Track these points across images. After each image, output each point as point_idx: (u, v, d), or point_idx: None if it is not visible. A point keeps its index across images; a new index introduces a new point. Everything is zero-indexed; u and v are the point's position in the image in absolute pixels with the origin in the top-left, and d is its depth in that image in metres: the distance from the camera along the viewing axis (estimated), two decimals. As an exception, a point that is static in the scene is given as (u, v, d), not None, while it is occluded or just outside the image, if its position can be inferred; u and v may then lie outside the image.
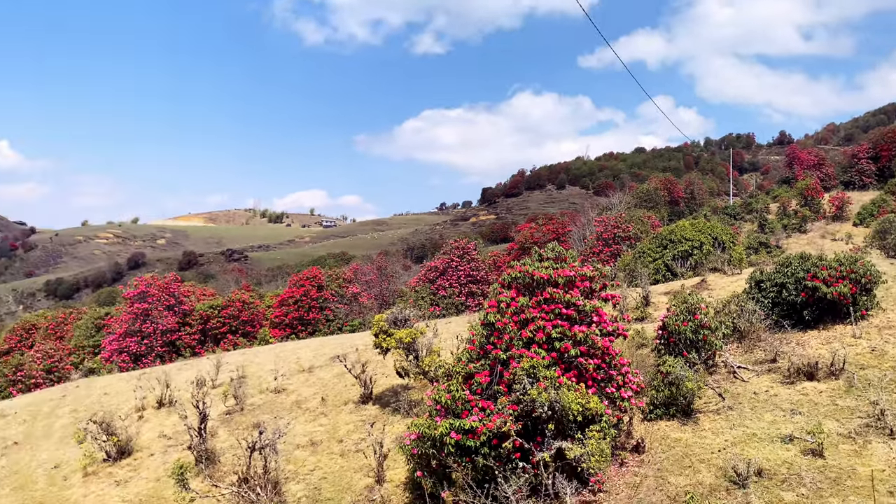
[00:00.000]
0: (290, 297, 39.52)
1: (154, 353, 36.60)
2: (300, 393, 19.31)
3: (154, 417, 19.81)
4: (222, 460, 15.68)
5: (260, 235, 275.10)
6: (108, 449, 17.21)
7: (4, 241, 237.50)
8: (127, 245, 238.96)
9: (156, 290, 38.27)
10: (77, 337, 44.01)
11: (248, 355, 25.95)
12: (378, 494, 13.06)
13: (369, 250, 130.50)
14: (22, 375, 34.90)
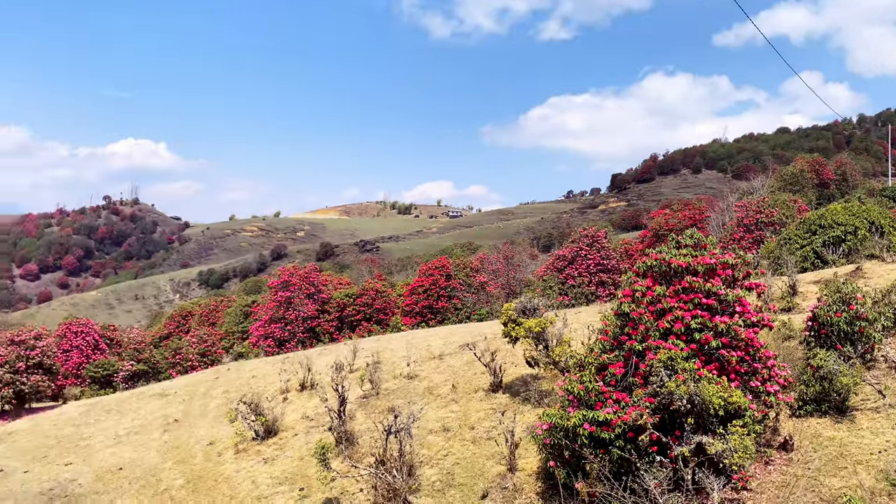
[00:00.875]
0: (419, 286, 40.43)
1: (296, 339, 38.68)
2: (431, 379, 19.72)
3: (297, 399, 20.94)
4: (360, 442, 16.33)
5: (390, 227, 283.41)
6: (257, 428, 18.39)
7: (162, 235, 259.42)
8: (270, 237, 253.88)
9: (297, 280, 40.39)
10: (227, 323, 47.34)
11: (381, 342, 26.84)
12: (510, 482, 13.11)
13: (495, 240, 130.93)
14: (180, 358, 38.02)
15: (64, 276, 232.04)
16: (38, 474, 20.12)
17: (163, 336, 49.41)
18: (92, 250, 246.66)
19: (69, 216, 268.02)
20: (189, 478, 17.63)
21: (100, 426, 24.42)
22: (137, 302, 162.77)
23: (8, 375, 29.96)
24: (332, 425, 16.45)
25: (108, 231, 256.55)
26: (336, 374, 19.96)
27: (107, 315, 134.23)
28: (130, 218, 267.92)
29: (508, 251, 45.33)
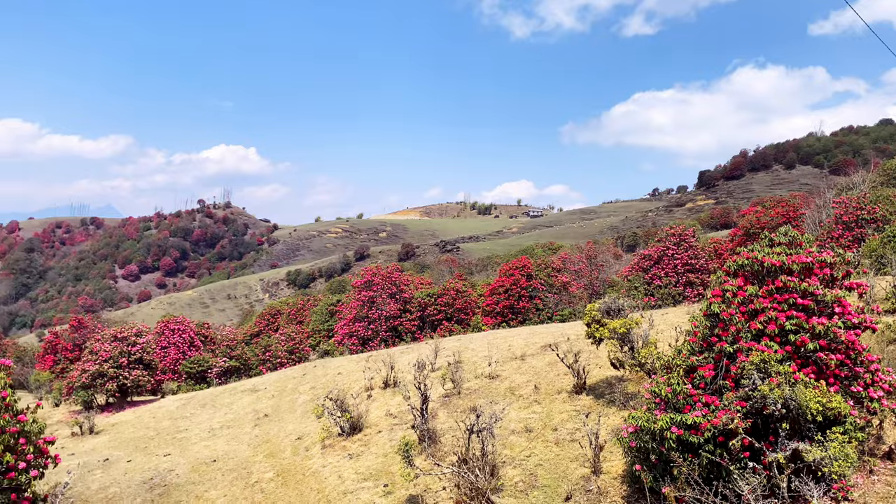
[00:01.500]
0: (500, 286, 40.36)
1: (379, 337, 39.35)
2: (513, 380, 19.63)
3: (381, 397, 21.29)
4: (442, 440, 16.44)
5: (470, 227, 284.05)
6: (342, 424, 18.82)
7: (253, 237, 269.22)
8: (353, 238, 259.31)
9: (379, 280, 41.09)
10: (314, 321, 48.66)
11: (462, 341, 26.94)
12: (595, 485, 12.90)
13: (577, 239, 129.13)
14: (269, 355, 39.34)
15: (162, 276, 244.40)
16: (140, 464, 21.25)
17: (253, 334, 51.29)
18: (187, 252, 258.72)
19: (166, 219, 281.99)
20: (278, 471, 18.21)
21: (195, 419, 25.58)
22: (230, 301, 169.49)
23: (112, 370, 31.84)
24: (414, 423, 16.64)
25: (202, 233, 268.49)
26: (418, 372, 20.18)
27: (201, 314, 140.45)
28: (223, 221, 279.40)
29: (591, 251, 44.59)
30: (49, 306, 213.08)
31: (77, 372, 32.77)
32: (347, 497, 15.41)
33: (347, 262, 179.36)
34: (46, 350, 48.14)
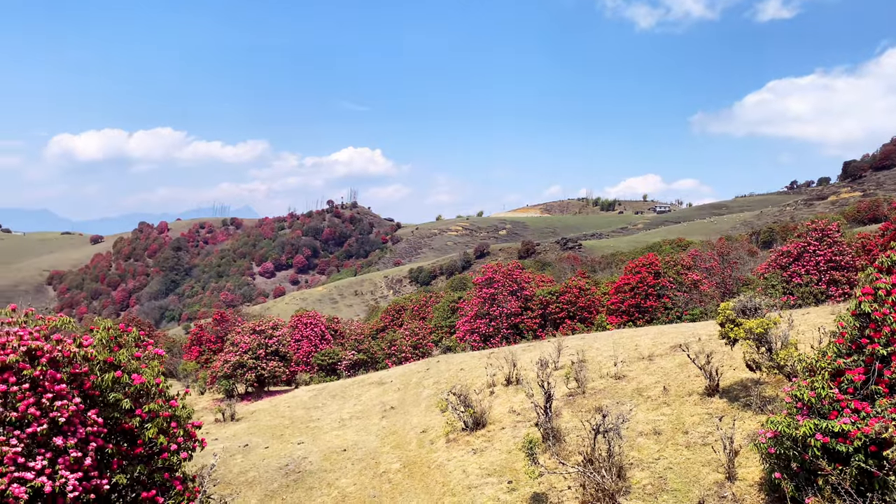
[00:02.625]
0: (625, 284, 39.30)
1: (500, 335, 39.44)
2: (640, 380, 19.08)
3: (503, 394, 21.34)
4: (567, 440, 16.25)
5: (592, 223, 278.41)
6: (466, 419, 19.02)
7: (377, 236, 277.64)
8: (473, 236, 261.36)
9: (500, 277, 41.16)
10: (436, 318, 49.49)
11: (586, 340, 26.48)
12: (729, 492, 12.30)
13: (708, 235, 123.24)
14: (395, 350, 40.41)
15: (295, 273, 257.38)
16: (276, 450, 22.49)
17: (379, 328, 52.91)
18: (318, 250, 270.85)
19: (299, 219, 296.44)
20: (404, 462, 18.69)
21: (326, 410, 26.73)
22: (357, 297, 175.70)
23: (251, 361, 33.87)
24: (538, 421, 16.55)
25: (331, 232, 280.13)
26: (541, 370, 20.04)
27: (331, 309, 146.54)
28: (350, 220, 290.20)
29: (724, 247, 42.51)
30: (194, 301, 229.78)
31: (220, 362, 35.17)
32: (472, 492, 15.56)
33: (467, 259, 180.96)
34: (192, 342, 51.98)
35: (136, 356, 14.22)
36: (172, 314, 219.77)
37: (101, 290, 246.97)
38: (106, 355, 13.45)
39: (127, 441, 13.43)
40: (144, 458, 13.44)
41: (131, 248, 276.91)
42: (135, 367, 13.85)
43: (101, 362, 13.24)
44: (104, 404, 13.01)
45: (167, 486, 13.59)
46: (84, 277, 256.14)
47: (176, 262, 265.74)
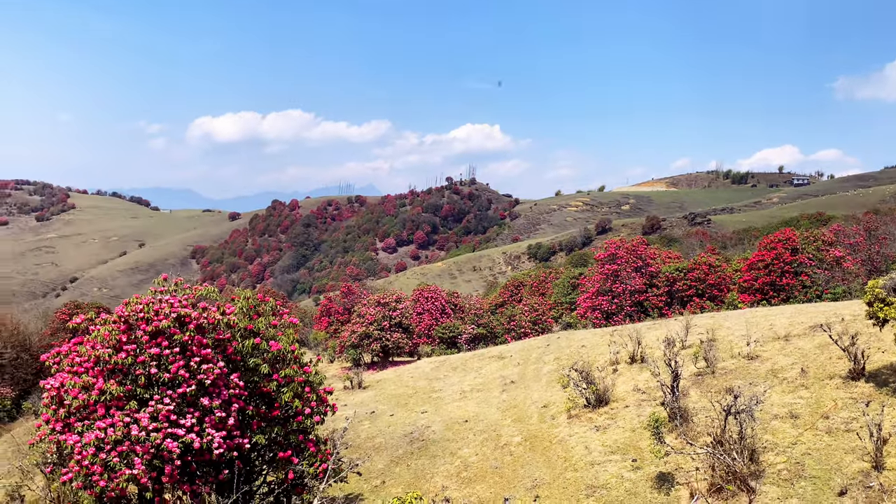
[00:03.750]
0: (759, 260, 37.18)
1: (623, 312, 38.54)
2: (775, 361, 18.06)
3: (627, 372, 20.89)
4: (694, 420, 15.70)
5: (722, 197, 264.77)
6: (588, 396, 18.81)
7: (495, 212, 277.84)
8: (594, 212, 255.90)
9: (624, 253, 40.12)
10: (556, 294, 49.08)
11: (716, 319, 25.36)
12: (876, 482, 11.46)
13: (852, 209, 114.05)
14: (514, 325, 40.50)
15: (415, 249, 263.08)
16: (401, 418, 23.24)
17: (498, 304, 53.15)
18: (437, 226, 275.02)
19: (419, 196, 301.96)
20: (525, 436, 18.78)
21: (447, 381, 27.28)
22: (475, 273, 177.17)
23: (377, 332, 35.07)
24: (664, 400, 16.09)
25: (450, 209, 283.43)
26: (668, 349, 19.42)
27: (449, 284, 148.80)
28: (468, 196, 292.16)
29: (871, 222, 39.23)
30: (322, 275, 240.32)
31: (347, 333, 36.67)
32: (595, 468, 15.42)
33: (588, 235, 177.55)
34: (322, 313, 54.49)
35: (273, 324, 15.11)
36: (303, 287, 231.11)
37: (239, 263, 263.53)
38: (246, 323, 14.37)
39: (265, 404, 14.35)
40: (281, 421, 14.32)
41: (265, 224, 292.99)
42: (272, 335, 14.72)
43: (241, 329, 14.17)
44: (245, 369, 13.94)
45: (301, 447, 14.43)
46: (223, 252, 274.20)
47: (306, 238, 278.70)
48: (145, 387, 12.53)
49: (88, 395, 12.21)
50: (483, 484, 16.79)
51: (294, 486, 14.00)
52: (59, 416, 12.45)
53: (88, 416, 12.21)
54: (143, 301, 13.18)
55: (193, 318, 13.12)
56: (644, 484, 14.19)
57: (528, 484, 16.00)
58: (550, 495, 15.14)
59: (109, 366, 12.50)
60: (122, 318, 13.00)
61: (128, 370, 12.58)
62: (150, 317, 12.92)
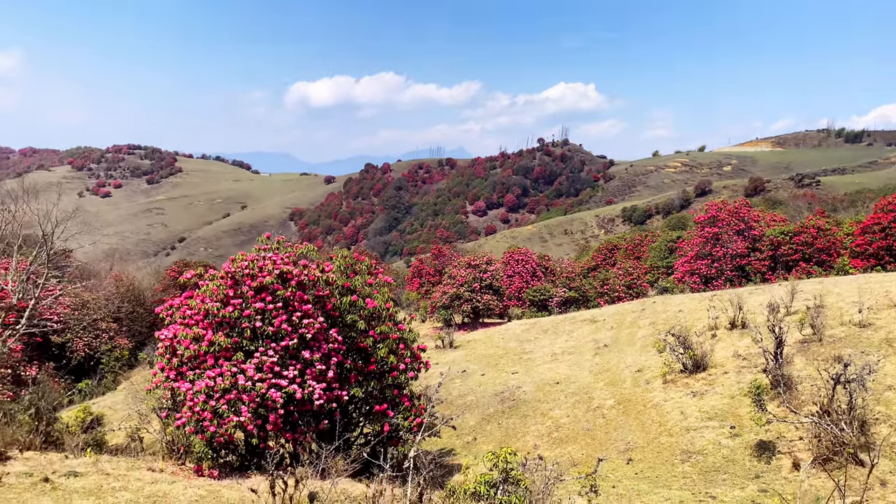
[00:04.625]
0: (875, 223, 34.80)
1: (723, 277, 37.18)
2: (890, 330, 16.99)
3: (726, 337, 20.21)
4: (799, 389, 15.06)
5: (834, 157, 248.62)
6: (685, 361, 18.34)
7: (588, 174, 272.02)
8: (693, 173, 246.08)
9: (725, 215, 38.53)
10: (652, 258, 47.82)
11: (824, 284, 24.06)
12: None
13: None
14: (607, 289, 39.84)
15: (505, 212, 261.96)
16: (492, 378, 23.46)
17: (591, 267, 52.36)
18: (528, 189, 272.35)
19: (509, 158, 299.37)
20: (618, 400, 18.57)
21: (538, 343, 27.25)
22: (566, 236, 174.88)
23: (467, 293, 35.35)
24: (766, 367, 15.48)
25: (541, 171, 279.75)
26: (771, 314, 18.64)
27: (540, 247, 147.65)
28: (560, 158, 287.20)
29: None
30: (413, 237, 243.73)
31: (438, 294, 37.16)
32: (690, 434, 15.11)
33: (686, 197, 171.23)
34: (413, 274, 55.35)
35: (369, 283, 15.48)
36: (394, 249, 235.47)
37: (334, 225, 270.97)
38: (344, 281, 14.79)
39: (362, 359, 14.80)
40: (377, 375, 14.75)
41: (358, 187, 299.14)
42: (368, 293, 15.10)
43: (339, 287, 14.61)
44: (342, 324, 14.39)
45: (396, 401, 14.83)
46: (319, 214, 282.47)
47: (397, 201, 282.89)
48: (251, 339, 13.16)
49: (199, 345, 12.95)
50: (574, 445, 16.79)
51: (389, 437, 14.44)
52: (173, 364, 13.29)
53: (199, 366, 12.97)
54: (249, 258, 13.78)
55: (295, 274, 13.61)
56: (743, 451, 13.80)
57: (620, 447, 15.87)
58: (644, 458, 14.97)
59: (217, 319, 13.18)
60: (228, 274, 13.65)
61: (234, 323, 13.24)
62: (254, 273, 13.50)
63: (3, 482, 9.86)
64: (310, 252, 15.33)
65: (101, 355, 35.01)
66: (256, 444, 12.77)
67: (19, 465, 11.43)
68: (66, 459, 12.35)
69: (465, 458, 16.79)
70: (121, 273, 46.96)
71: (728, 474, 13.26)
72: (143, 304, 42.19)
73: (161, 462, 12.74)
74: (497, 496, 7.67)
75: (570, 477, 11.34)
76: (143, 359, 35.39)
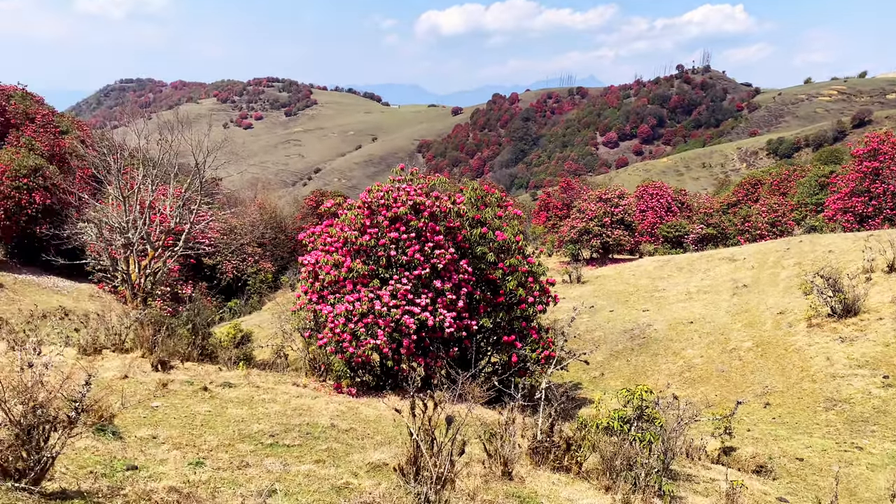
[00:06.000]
0: None
1: (882, 216, 34.12)
2: None
3: (883, 281, 18.66)
4: (968, 340, 13.74)
5: None
6: (834, 305, 17.17)
7: (731, 103, 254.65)
8: (851, 102, 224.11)
9: (888, 148, 35.03)
10: (799, 194, 44.60)
11: None
12: None
13: None
14: (748, 226, 37.72)
15: (638, 143, 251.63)
16: (620, 315, 23.10)
17: (730, 203, 49.63)
18: (664, 119, 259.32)
19: (645, 87, 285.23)
20: (757, 342, 17.77)
21: (671, 281, 26.40)
22: (704, 170, 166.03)
23: (597, 228, 34.65)
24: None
25: (679, 100, 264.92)
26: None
27: (675, 181, 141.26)
28: (701, 86, 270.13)
29: None
30: (540, 170, 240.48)
31: (566, 228, 36.66)
32: (836, 381, 14.25)
33: (841, 129, 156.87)
34: (540, 207, 54.81)
35: (499, 216, 15.50)
36: (520, 181, 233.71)
37: (460, 157, 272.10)
38: (474, 213, 14.89)
39: (490, 290, 14.99)
40: (505, 307, 14.91)
41: (485, 118, 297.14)
42: (497, 225, 15.14)
43: (470, 219, 14.73)
44: (472, 256, 14.57)
45: (524, 333, 14.97)
46: (446, 146, 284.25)
47: (525, 132, 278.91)
48: (385, 267, 13.63)
49: (338, 271, 13.58)
50: (707, 386, 16.33)
51: (516, 368, 14.66)
52: (315, 288, 14.04)
53: (339, 291, 13.62)
54: (384, 189, 14.13)
55: (427, 206, 13.83)
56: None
57: (757, 390, 15.27)
58: (783, 403, 14.35)
59: (355, 247, 13.72)
60: (365, 204, 14.10)
61: (371, 251, 13.74)
62: (389, 203, 13.85)
63: (169, 388, 10.95)
64: (441, 184, 15.50)
65: (247, 277, 37.69)
66: (391, 367, 13.38)
67: (181, 373, 12.63)
68: (220, 371, 13.50)
69: (592, 393, 16.81)
70: (264, 201, 49.82)
71: (878, 426, 12.45)
72: (284, 231, 44.71)
73: (304, 378, 13.65)
74: (631, 433, 7.63)
75: (705, 418, 11.06)
76: (284, 282, 37.75)
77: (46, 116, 40.12)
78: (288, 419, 9.43)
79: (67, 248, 27.75)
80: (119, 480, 5.76)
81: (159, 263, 23.37)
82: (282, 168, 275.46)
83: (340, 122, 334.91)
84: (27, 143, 35.02)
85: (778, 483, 10.38)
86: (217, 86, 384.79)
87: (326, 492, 6.13)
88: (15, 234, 31.97)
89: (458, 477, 6.13)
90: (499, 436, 7.27)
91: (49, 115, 40.73)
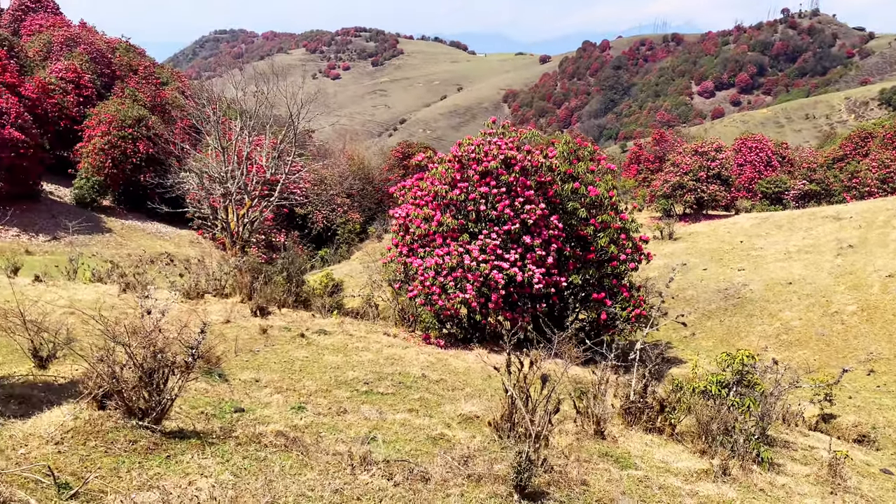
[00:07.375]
0: None
1: None
2: None
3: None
4: None
5: None
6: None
7: (841, 49, 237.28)
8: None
9: None
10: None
11: None
12: None
13: None
14: (856, 182, 35.55)
15: (736, 93, 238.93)
16: (714, 273, 22.38)
17: (836, 158, 46.71)
18: (765, 67, 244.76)
19: (745, 32, 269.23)
20: (862, 306, 16.89)
21: (770, 240, 25.30)
22: (807, 121, 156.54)
23: (691, 183, 33.45)
24: None
25: (783, 46, 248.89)
26: None
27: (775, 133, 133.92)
28: (808, 31, 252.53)
29: None
30: (631, 120, 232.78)
31: (658, 182, 35.55)
32: (951, 351, 13.42)
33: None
34: (631, 160, 53.26)
35: (591, 170, 15.17)
36: (609, 133, 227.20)
37: (547, 108, 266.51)
38: (566, 167, 14.63)
39: (581, 247, 14.78)
40: (596, 264, 14.71)
41: (574, 67, 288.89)
42: (590, 180, 14.83)
43: (562, 173, 14.49)
44: (563, 212, 14.37)
45: (615, 291, 14.76)
46: (533, 96, 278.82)
47: (615, 81, 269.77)
48: (475, 222, 13.65)
49: (429, 225, 13.70)
50: (806, 350, 15.71)
51: (605, 326, 14.50)
52: (405, 241, 14.25)
53: (429, 244, 13.77)
54: (475, 142, 14.04)
55: (518, 160, 13.68)
56: None
57: (861, 356, 14.58)
58: (889, 371, 13.66)
59: (445, 201, 13.78)
60: (455, 158, 14.07)
61: (461, 206, 13.77)
62: (480, 157, 13.78)
63: (269, 334, 11.46)
64: (533, 137, 15.27)
65: (336, 227, 38.64)
66: (478, 321, 13.50)
67: (278, 319, 13.18)
68: (314, 318, 14.00)
69: (683, 352, 16.48)
70: (352, 153, 50.60)
71: None
72: (372, 182, 45.38)
73: (394, 328, 13.98)
74: (729, 398, 7.45)
75: (805, 384, 10.67)
76: (371, 232, 38.50)
77: (148, 68, 41.80)
78: (381, 368, 9.71)
79: (170, 197, 29.17)
80: (229, 422, 6.11)
81: (256, 212, 24.25)
82: (368, 119, 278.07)
83: (426, 71, 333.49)
84: (131, 94, 36.69)
85: (882, 454, 9.96)
86: (306, 36, 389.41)
87: (423, 441, 6.31)
88: (121, 181, 33.85)
89: (551, 434, 6.18)
90: (591, 394, 7.26)
91: (150, 67, 42.42)
